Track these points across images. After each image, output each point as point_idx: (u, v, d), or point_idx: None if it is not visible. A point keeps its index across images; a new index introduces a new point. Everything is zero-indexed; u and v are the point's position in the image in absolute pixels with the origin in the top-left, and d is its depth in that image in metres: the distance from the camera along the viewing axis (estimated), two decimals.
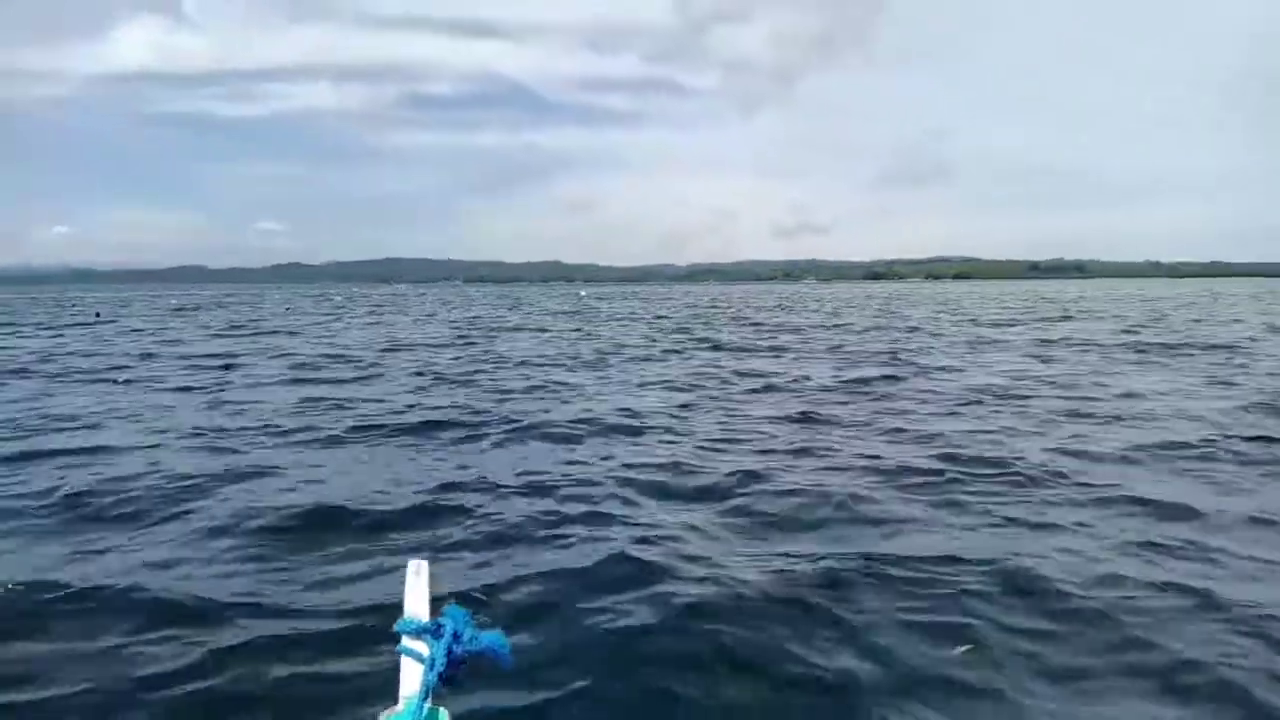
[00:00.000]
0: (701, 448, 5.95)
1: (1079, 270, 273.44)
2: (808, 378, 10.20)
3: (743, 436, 6.39)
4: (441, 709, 1.04)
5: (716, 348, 15.37)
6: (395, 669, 1.10)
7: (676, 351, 14.57)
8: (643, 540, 3.78)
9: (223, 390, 9.36)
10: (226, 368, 11.84)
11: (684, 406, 7.97)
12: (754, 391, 9.13)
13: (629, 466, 5.31)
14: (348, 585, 3.32)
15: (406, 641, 1.11)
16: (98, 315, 31.38)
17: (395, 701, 1.04)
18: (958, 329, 20.43)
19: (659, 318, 28.42)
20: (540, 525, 4.07)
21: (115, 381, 10.23)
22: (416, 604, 1.19)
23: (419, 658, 1.07)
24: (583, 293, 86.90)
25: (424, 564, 1.28)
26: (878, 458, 5.52)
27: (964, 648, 2.72)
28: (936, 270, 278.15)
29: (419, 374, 10.98)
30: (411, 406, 7.99)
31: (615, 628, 2.89)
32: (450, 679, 1.05)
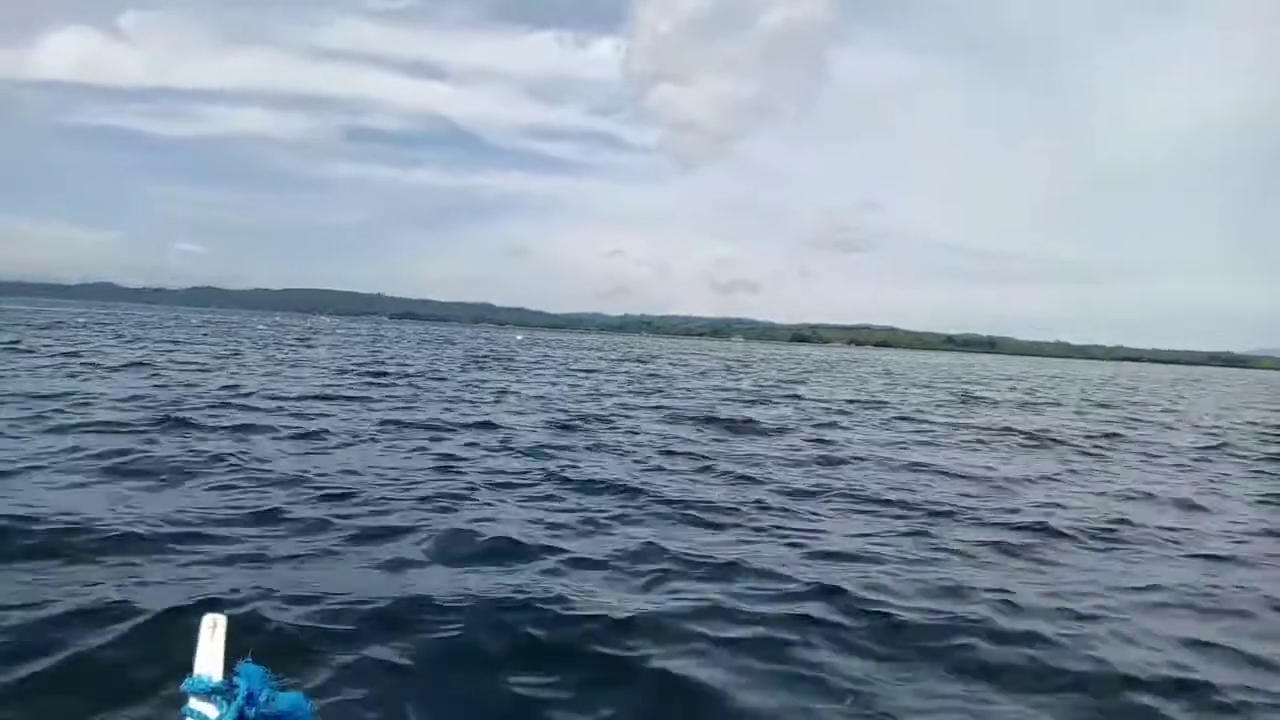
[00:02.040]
0: None
1: (991, 346, 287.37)
2: None
3: None
4: None
5: None
6: None
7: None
8: None
9: None
10: None
11: None
12: None
13: None
14: None
15: (194, 703, 0.99)
16: None
17: None
18: None
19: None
20: None
21: None
22: (208, 662, 1.03)
23: None
24: (519, 336, 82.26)
25: (221, 619, 1.09)
26: None
27: None
28: (859, 337, 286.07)
29: None
30: None
31: None
32: None
